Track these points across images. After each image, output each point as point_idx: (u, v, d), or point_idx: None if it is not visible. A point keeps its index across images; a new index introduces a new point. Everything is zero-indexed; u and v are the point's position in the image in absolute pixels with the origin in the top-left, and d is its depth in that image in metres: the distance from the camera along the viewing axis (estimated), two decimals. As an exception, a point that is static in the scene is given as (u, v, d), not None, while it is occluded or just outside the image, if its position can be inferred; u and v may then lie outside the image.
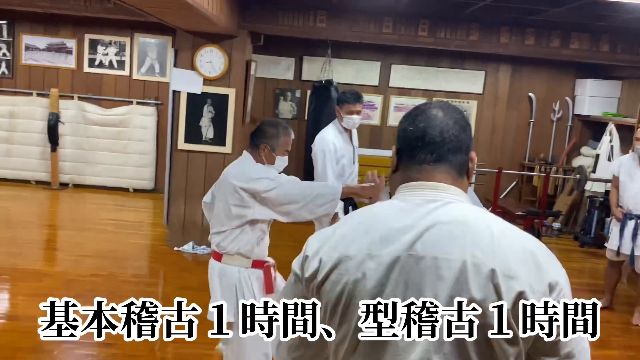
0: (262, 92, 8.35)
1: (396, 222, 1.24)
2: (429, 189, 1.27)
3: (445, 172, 1.28)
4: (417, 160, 1.29)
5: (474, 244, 1.19)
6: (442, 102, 1.36)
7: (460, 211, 1.24)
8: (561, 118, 8.40)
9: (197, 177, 5.84)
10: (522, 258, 1.18)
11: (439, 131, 1.28)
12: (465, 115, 1.35)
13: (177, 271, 5.32)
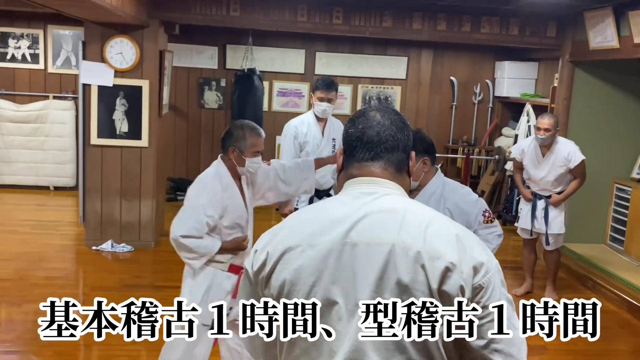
0: (186, 82, 8.19)
1: (336, 214, 1.34)
2: (367, 184, 1.38)
3: (382, 168, 1.39)
4: (356, 158, 1.41)
5: (403, 230, 1.27)
6: (381, 106, 1.56)
7: (394, 202, 1.35)
8: (482, 100, 8.61)
9: (113, 173, 5.68)
10: (448, 241, 1.27)
11: (376, 131, 1.40)
12: (404, 118, 1.46)
13: (94, 271, 5.18)
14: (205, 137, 8.29)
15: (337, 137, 4.40)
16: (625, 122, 6.08)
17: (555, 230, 4.95)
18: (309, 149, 4.25)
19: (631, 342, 4.33)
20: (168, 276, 5.08)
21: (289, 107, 8.36)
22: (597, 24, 5.32)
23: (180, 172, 8.27)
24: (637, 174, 6.04)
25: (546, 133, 4.73)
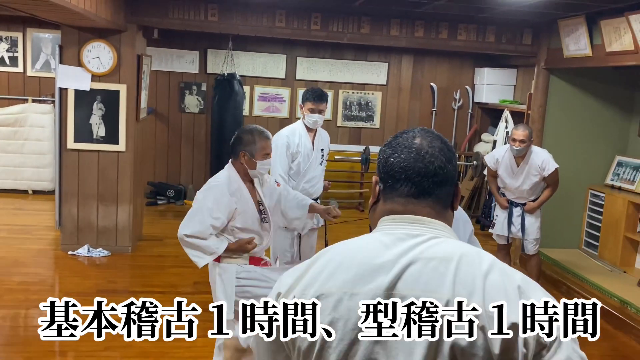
0: (167, 86, 8.18)
1: (377, 258, 1.16)
2: (412, 223, 1.21)
3: (430, 206, 1.22)
4: (399, 192, 1.22)
5: (459, 282, 1.11)
6: (425, 130, 1.28)
7: (445, 247, 1.17)
8: (462, 106, 8.68)
9: (90, 177, 5.65)
10: (509, 295, 1.11)
11: (424, 163, 1.21)
12: (450, 144, 1.28)
13: (69, 276, 5.15)
14: (185, 142, 8.28)
15: (324, 148, 4.43)
16: (600, 129, 6.17)
17: (532, 235, 5.04)
18: (300, 159, 4.23)
19: (602, 347, 4.38)
20: (144, 281, 5.07)
21: (270, 112, 8.38)
22: (571, 32, 5.40)
23: (161, 177, 8.25)
24: (611, 180, 6.12)
25: (521, 144, 4.79)
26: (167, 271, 5.33)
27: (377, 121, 8.58)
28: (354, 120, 8.56)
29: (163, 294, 4.78)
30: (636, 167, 5.89)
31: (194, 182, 8.28)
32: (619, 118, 6.19)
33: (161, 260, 5.63)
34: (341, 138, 8.52)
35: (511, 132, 4.95)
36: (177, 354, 3.79)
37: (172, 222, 7.20)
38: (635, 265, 5.71)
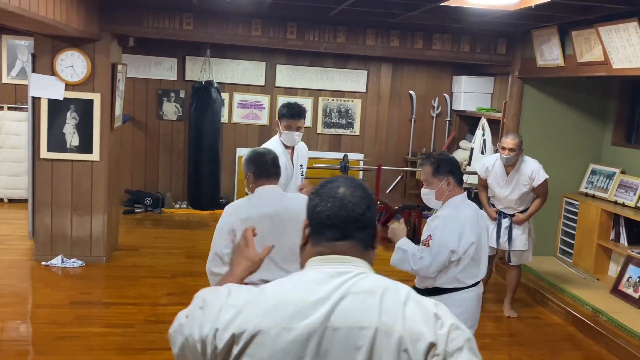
0: (144, 93, 8.13)
1: (310, 295, 1.29)
2: (339, 262, 1.35)
3: (353, 247, 1.37)
4: (326, 237, 1.37)
5: (384, 312, 1.26)
6: (348, 179, 1.44)
7: (370, 282, 1.32)
8: (440, 114, 8.73)
9: (64, 187, 5.60)
10: (425, 320, 1.28)
11: (346, 211, 1.37)
12: (369, 191, 1.44)
13: (41, 288, 5.08)
14: (164, 149, 8.23)
15: (304, 163, 4.24)
16: (574, 137, 6.23)
17: (518, 247, 4.96)
18: (282, 181, 3.90)
19: (574, 356, 4.41)
20: (118, 292, 5.02)
21: (250, 119, 8.36)
22: (544, 42, 5.45)
23: (139, 185, 8.19)
24: (585, 188, 6.18)
25: (511, 153, 4.74)
26: (142, 282, 5.29)
27: (357, 128, 8.60)
28: (333, 127, 8.56)
29: (136, 305, 4.74)
30: (609, 175, 5.96)
31: (172, 190, 8.23)
32: (593, 126, 6.26)
33: (136, 270, 5.58)
34: (321, 145, 8.53)
35: (501, 140, 4.92)
36: (148, 367, 3.76)
37: (148, 230, 7.16)
38: (608, 273, 5.77)
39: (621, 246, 5.56)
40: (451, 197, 2.95)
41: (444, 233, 2.84)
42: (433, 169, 2.96)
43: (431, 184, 2.97)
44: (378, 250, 6.06)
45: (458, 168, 3.00)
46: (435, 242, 2.84)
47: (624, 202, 5.65)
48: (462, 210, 2.92)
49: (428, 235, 2.87)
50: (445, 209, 2.95)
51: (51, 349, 3.94)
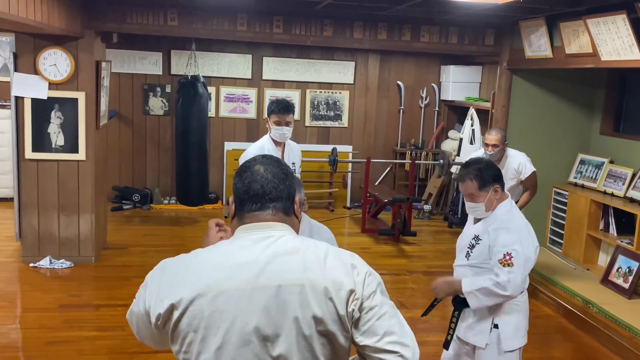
0: (130, 88, 8.03)
1: (240, 258, 1.46)
2: (261, 228, 1.52)
3: (271, 215, 1.54)
4: (246, 209, 1.55)
5: (308, 269, 1.45)
6: (265, 157, 1.62)
7: (291, 243, 1.50)
8: (429, 104, 8.70)
9: (50, 188, 5.52)
10: (344, 271, 1.47)
11: (260, 185, 1.54)
12: (285, 168, 1.61)
13: (30, 291, 5.02)
14: (151, 145, 8.15)
15: (296, 161, 4.19)
16: (563, 128, 6.23)
17: None
18: None
19: (565, 348, 4.44)
20: (107, 294, 4.98)
21: (237, 113, 8.29)
22: (532, 33, 5.43)
23: (126, 181, 8.11)
24: (574, 178, 6.20)
25: (494, 149, 4.73)
26: (131, 282, 5.23)
27: (345, 120, 8.56)
28: (322, 119, 8.52)
29: (126, 306, 4.66)
30: (598, 165, 5.97)
31: (161, 185, 8.16)
32: (582, 116, 6.26)
33: (125, 270, 5.53)
34: (310, 138, 8.48)
35: (484, 137, 4.90)
36: (140, 371, 3.73)
37: (137, 228, 7.10)
38: (598, 263, 5.80)
39: (610, 236, 5.59)
40: (500, 203, 2.84)
41: (524, 247, 2.72)
42: (478, 183, 2.80)
43: (479, 197, 2.82)
44: (369, 243, 6.09)
45: (499, 172, 2.89)
46: (520, 259, 2.70)
47: (612, 192, 5.66)
48: (517, 216, 2.84)
49: (506, 253, 2.70)
50: (500, 220, 2.81)
51: (41, 355, 3.89)
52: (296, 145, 4.30)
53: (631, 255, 5.11)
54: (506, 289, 2.69)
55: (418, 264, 6.17)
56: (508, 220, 2.80)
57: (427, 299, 5.26)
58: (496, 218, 2.82)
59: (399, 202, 6.84)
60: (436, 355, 3.89)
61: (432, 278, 5.76)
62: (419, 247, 6.77)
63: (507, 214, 2.82)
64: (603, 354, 4.34)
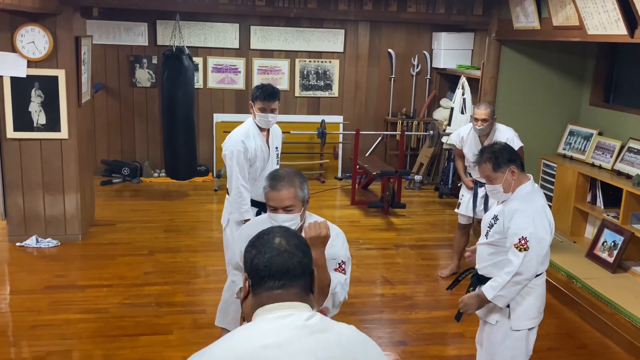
0: (116, 60, 7.91)
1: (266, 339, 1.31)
2: (284, 309, 1.38)
3: (294, 294, 1.41)
4: (265, 287, 1.40)
5: (345, 348, 1.36)
6: (282, 229, 1.50)
7: (319, 321, 1.37)
8: (420, 72, 8.58)
9: (34, 167, 5.49)
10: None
11: (283, 259, 1.40)
12: (304, 239, 1.50)
13: (16, 272, 5.03)
14: (139, 117, 8.07)
15: (278, 146, 4.11)
16: (552, 98, 6.15)
17: None
18: (258, 164, 3.88)
19: (547, 324, 4.44)
20: (94, 274, 4.99)
21: (225, 84, 8.18)
22: (520, 3, 5.29)
23: (115, 154, 8.07)
24: (563, 149, 6.15)
25: (483, 123, 4.70)
26: (118, 260, 5.26)
27: (336, 90, 8.45)
28: (312, 89, 8.41)
29: (111, 287, 4.72)
30: (587, 136, 5.92)
31: (150, 158, 8.12)
32: (571, 87, 6.17)
33: (112, 248, 5.54)
34: (299, 109, 8.39)
35: (473, 111, 4.85)
36: (122, 355, 3.76)
37: (127, 202, 7.08)
38: (585, 235, 5.80)
39: (597, 209, 5.57)
40: (519, 185, 2.87)
41: (537, 228, 2.76)
42: (493, 164, 2.86)
43: (495, 179, 2.88)
44: (358, 216, 6.09)
45: (516, 153, 2.93)
46: (534, 241, 2.75)
47: (600, 165, 5.62)
48: (536, 198, 2.86)
49: (521, 237, 2.75)
50: (517, 201, 2.85)
51: (24, 339, 3.92)
52: (278, 128, 4.21)
53: (616, 229, 5.10)
54: (522, 273, 2.77)
55: (406, 238, 6.18)
56: (525, 202, 2.84)
57: (412, 274, 5.30)
58: (514, 200, 2.88)
59: (387, 175, 6.80)
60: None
61: (419, 252, 5.79)
62: (408, 220, 6.77)
63: (525, 196, 2.87)
64: (584, 329, 4.37)
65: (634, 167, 5.25)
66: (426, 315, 4.48)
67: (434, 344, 4.07)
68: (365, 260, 5.50)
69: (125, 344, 3.88)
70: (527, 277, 2.78)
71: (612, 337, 4.17)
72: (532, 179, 2.96)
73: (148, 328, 4.09)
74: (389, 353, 3.92)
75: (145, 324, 4.14)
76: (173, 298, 4.55)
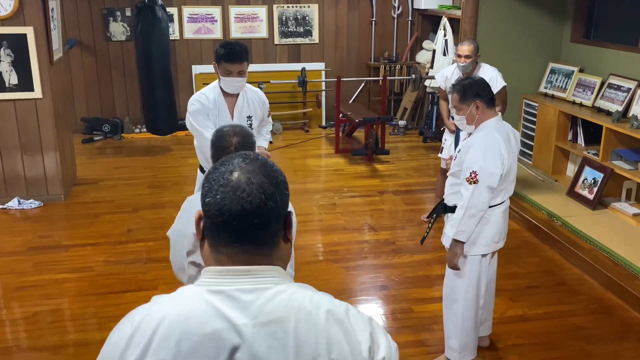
0: (88, 14, 7.70)
1: (208, 324, 1.06)
2: (240, 276, 1.10)
3: (254, 252, 1.11)
4: (221, 239, 1.10)
5: (300, 346, 1.06)
6: (246, 159, 1.13)
7: (279, 304, 1.09)
8: (402, 14, 8.41)
9: (9, 128, 5.40)
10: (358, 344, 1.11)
11: (241, 205, 1.07)
12: (276, 173, 1.13)
13: (0, 234, 5.02)
14: (116, 72, 7.92)
15: (254, 113, 3.58)
16: (532, 38, 6.06)
17: None
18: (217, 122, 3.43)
19: (528, 263, 4.53)
20: (78, 233, 4.99)
21: (202, 34, 8.00)
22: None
23: (95, 111, 7.95)
24: (545, 88, 6.11)
25: (467, 60, 4.62)
26: (101, 219, 5.25)
27: (316, 36, 8.29)
28: (291, 36, 8.24)
29: (95, 245, 4.73)
30: (568, 74, 5.87)
31: (130, 114, 8.02)
32: (552, 24, 6.07)
33: (95, 207, 5.53)
34: (280, 57, 8.25)
35: (457, 48, 4.78)
36: (109, 312, 3.80)
37: (109, 160, 7.03)
38: (566, 174, 5.83)
39: (578, 147, 5.58)
40: (483, 120, 2.95)
41: (487, 162, 2.83)
42: (460, 95, 2.95)
43: (460, 109, 2.98)
44: (342, 164, 6.08)
45: (486, 89, 2.98)
46: (484, 174, 2.82)
47: (581, 102, 5.60)
48: (494, 133, 2.91)
49: (472, 171, 2.84)
50: (477, 133, 2.95)
51: (9, 301, 3.95)
52: (260, 94, 3.64)
53: (596, 166, 5.13)
54: (474, 206, 2.85)
55: (390, 184, 6.19)
56: (483, 137, 2.91)
57: (396, 220, 5.34)
58: (476, 134, 2.97)
59: (370, 122, 6.76)
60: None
61: (402, 197, 5.82)
62: (392, 166, 6.77)
63: (487, 131, 2.93)
64: (564, 266, 4.45)
65: (614, 104, 5.23)
66: (409, 259, 4.54)
67: (417, 286, 4.13)
68: (349, 208, 5.53)
69: (111, 301, 3.91)
70: (479, 208, 2.86)
71: (590, 273, 4.25)
72: (499, 116, 3.02)
73: (133, 284, 4.13)
74: (371, 297, 3.99)
75: (130, 281, 4.17)
76: (157, 254, 4.57)
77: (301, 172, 6.53)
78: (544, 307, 3.86)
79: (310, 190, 5.94)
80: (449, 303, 3.18)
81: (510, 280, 4.19)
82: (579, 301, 3.96)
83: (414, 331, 3.60)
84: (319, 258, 4.57)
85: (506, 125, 3.06)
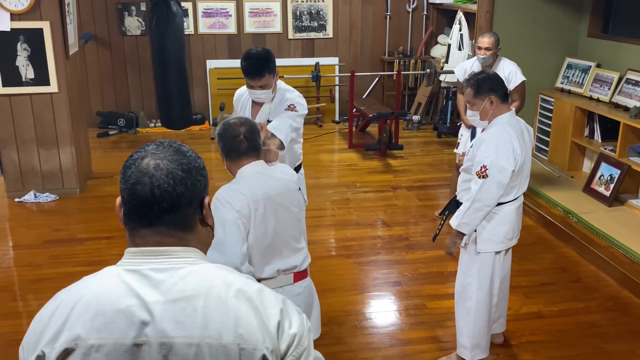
0: (104, 8, 7.73)
1: (121, 301, 1.12)
2: (153, 256, 1.15)
3: (165, 234, 1.16)
4: (134, 222, 1.17)
5: (209, 320, 1.11)
6: (160, 146, 1.19)
7: (191, 281, 1.14)
8: (417, 8, 8.36)
9: (26, 122, 5.45)
10: (263, 323, 1.14)
11: (149, 189, 1.13)
12: (190, 158, 1.19)
13: (16, 227, 5.08)
14: (131, 67, 7.96)
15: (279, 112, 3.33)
16: (549, 31, 6.00)
17: None
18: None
19: (543, 259, 4.49)
20: (92, 226, 5.03)
21: (217, 29, 8.01)
22: None
23: (110, 106, 8.00)
24: (561, 83, 6.04)
25: (487, 52, 4.58)
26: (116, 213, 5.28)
27: (330, 30, 8.26)
28: (305, 31, 8.23)
29: (110, 239, 4.77)
30: (585, 69, 5.80)
31: (145, 108, 8.05)
32: (569, 18, 6.00)
33: (110, 200, 5.56)
34: (294, 52, 8.24)
35: (477, 40, 4.73)
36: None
37: (124, 154, 7.06)
38: (582, 170, 5.77)
39: (595, 143, 5.52)
40: (497, 115, 2.93)
41: (499, 156, 2.81)
42: (474, 90, 2.93)
43: (474, 105, 2.96)
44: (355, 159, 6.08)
45: (500, 84, 2.96)
46: (494, 169, 2.80)
47: (598, 98, 5.53)
48: (507, 128, 2.88)
49: (482, 165, 2.82)
50: (490, 128, 2.94)
51: (25, 293, 4.00)
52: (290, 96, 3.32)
53: (613, 162, 5.07)
54: (481, 200, 2.84)
55: (403, 179, 6.17)
56: (494, 133, 2.89)
57: (409, 215, 5.32)
58: (489, 129, 2.95)
59: (383, 117, 6.73)
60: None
61: (416, 193, 5.79)
62: (405, 161, 6.74)
63: (500, 126, 2.91)
64: (579, 263, 4.41)
65: (632, 99, 5.17)
66: (422, 255, 4.52)
67: (430, 283, 4.12)
68: (362, 203, 5.52)
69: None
70: (486, 203, 2.84)
71: (606, 270, 4.21)
72: (512, 111, 2.99)
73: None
74: (384, 293, 3.98)
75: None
76: (171, 247, 4.58)
77: (314, 167, 6.52)
78: (558, 304, 3.83)
79: (323, 185, 5.93)
80: (461, 301, 3.16)
81: (525, 277, 4.16)
82: (594, 298, 3.92)
83: (427, 327, 3.59)
84: (331, 253, 4.57)
85: (520, 120, 3.03)
